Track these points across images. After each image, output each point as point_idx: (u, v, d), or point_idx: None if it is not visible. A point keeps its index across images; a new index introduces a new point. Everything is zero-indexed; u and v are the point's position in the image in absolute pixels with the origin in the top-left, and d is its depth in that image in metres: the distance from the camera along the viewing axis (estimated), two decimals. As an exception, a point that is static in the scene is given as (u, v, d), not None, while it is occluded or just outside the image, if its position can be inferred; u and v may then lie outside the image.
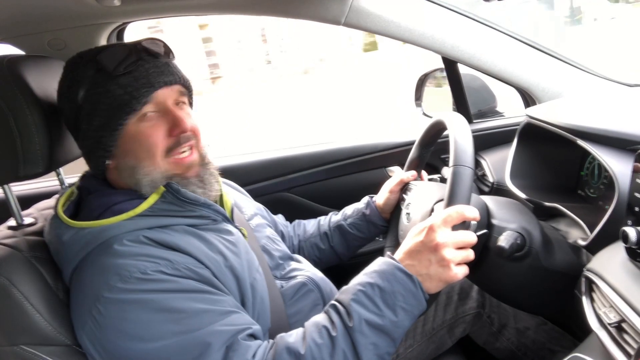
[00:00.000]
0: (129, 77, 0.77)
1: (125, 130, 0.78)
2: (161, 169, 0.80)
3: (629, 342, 0.64)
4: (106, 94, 0.77)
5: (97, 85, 0.77)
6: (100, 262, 0.72)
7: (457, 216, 0.76)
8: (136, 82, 0.78)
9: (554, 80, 1.30)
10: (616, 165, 0.82)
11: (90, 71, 0.78)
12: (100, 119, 0.78)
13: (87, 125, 0.79)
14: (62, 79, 0.82)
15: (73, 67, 0.81)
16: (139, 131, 0.79)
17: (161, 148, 0.80)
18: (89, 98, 0.78)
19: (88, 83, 0.78)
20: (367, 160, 1.61)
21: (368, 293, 0.73)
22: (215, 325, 0.69)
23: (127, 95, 0.77)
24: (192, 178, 0.84)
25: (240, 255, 0.83)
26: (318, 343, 0.70)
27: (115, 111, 0.77)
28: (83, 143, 0.82)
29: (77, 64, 0.80)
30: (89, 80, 0.78)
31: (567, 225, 0.98)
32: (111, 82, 0.77)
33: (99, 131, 0.78)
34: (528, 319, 1.15)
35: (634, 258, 0.68)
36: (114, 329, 0.68)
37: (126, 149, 0.80)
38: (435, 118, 1.06)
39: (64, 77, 0.82)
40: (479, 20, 1.29)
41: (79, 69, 0.79)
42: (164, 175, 0.81)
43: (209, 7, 1.32)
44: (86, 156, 0.84)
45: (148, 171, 0.80)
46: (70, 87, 0.79)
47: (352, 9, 1.20)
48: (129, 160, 0.80)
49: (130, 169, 0.80)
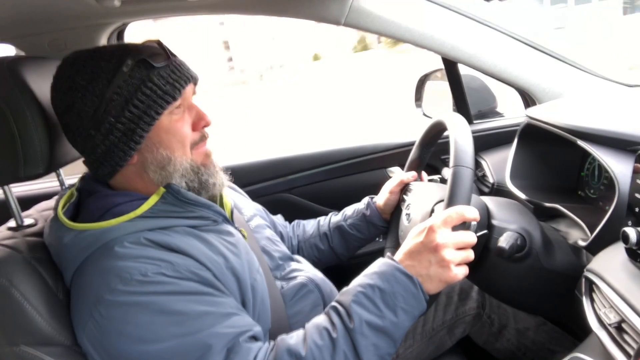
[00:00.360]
0: (167, 69, 0.79)
1: (158, 122, 0.79)
2: (190, 160, 0.83)
3: (629, 343, 0.64)
4: (146, 85, 0.76)
5: (133, 77, 0.76)
6: (101, 264, 0.71)
7: (457, 217, 0.76)
8: (175, 73, 0.80)
9: (554, 80, 1.30)
10: (616, 166, 0.82)
11: (116, 64, 0.76)
12: (136, 110, 0.76)
13: (115, 118, 0.76)
14: (74, 74, 0.77)
15: (89, 61, 0.77)
16: (171, 123, 0.80)
17: (190, 140, 0.83)
18: (123, 90, 0.75)
19: (121, 75, 0.75)
20: (367, 161, 1.61)
21: (368, 294, 0.73)
22: (216, 327, 0.69)
23: (168, 85, 0.78)
24: (212, 167, 0.87)
25: (241, 256, 0.83)
26: (319, 345, 0.70)
27: (155, 100, 0.77)
28: (105, 138, 0.77)
29: (96, 58, 0.77)
30: (123, 73, 0.75)
31: (568, 226, 0.98)
32: (152, 73, 0.77)
33: (132, 122, 0.76)
34: (528, 320, 1.15)
35: (634, 259, 0.68)
36: (115, 331, 0.68)
37: (157, 141, 0.79)
38: (436, 119, 1.06)
39: (76, 72, 0.77)
40: (479, 21, 1.28)
41: (100, 62, 0.77)
42: (192, 166, 0.83)
43: (208, 7, 1.32)
44: (103, 154, 0.78)
45: (181, 162, 0.81)
46: (93, 80, 0.76)
47: (352, 9, 1.20)
48: (162, 151, 0.80)
49: (161, 161, 0.80)
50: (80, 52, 0.80)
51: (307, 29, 51.14)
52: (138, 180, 0.82)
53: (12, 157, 0.78)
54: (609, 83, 1.29)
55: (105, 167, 0.80)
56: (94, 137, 0.77)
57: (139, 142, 0.78)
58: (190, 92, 0.84)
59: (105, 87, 0.75)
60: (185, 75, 0.81)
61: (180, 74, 0.80)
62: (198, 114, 0.84)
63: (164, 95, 0.77)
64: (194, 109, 0.84)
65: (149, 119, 0.77)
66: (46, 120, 0.80)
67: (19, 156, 0.78)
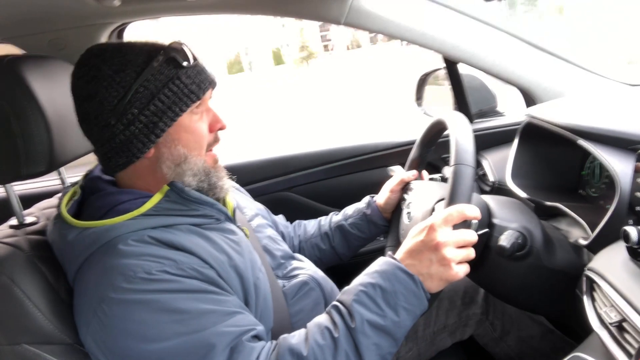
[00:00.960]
0: (194, 70, 0.81)
1: (180, 120, 0.80)
2: (203, 161, 0.84)
3: (629, 342, 0.64)
4: (173, 82, 0.78)
5: (162, 73, 0.78)
6: (105, 262, 0.71)
7: (457, 215, 0.76)
8: (200, 75, 0.82)
9: (555, 79, 1.30)
10: (617, 165, 0.82)
11: (146, 58, 0.78)
12: (161, 104, 0.77)
13: (139, 110, 0.77)
14: (100, 63, 0.77)
15: (117, 53, 0.78)
16: (191, 122, 0.82)
17: (206, 141, 0.85)
18: (150, 84, 0.77)
19: (151, 69, 0.77)
20: (368, 159, 1.61)
21: (370, 293, 0.73)
22: (219, 326, 0.69)
23: (194, 85, 0.80)
24: (221, 171, 0.88)
25: (244, 255, 0.83)
26: (320, 344, 0.70)
27: (180, 98, 0.79)
28: (125, 129, 0.77)
29: (123, 50, 0.79)
30: (152, 67, 0.77)
31: (568, 225, 0.98)
32: (181, 72, 0.79)
33: (155, 116, 0.77)
34: (533, 327, 1.14)
35: (635, 257, 0.68)
36: (118, 330, 0.68)
37: (177, 137, 0.81)
38: (436, 117, 1.06)
39: (103, 61, 0.77)
40: (480, 20, 1.28)
41: (128, 55, 0.78)
42: (204, 167, 0.84)
43: (208, 7, 1.32)
44: (121, 144, 0.78)
45: (196, 161, 0.82)
46: (121, 70, 0.76)
47: (352, 8, 1.20)
48: (179, 148, 0.81)
49: (177, 158, 0.81)
50: (106, 44, 0.82)
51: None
52: (148, 175, 0.82)
53: (14, 155, 0.78)
54: (609, 82, 1.29)
55: (121, 157, 0.80)
56: (113, 127, 0.77)
57: (160, 135, 0.79)
58: (209, 96, 0.86)
59: (133, 79, 0.77)
60: (208, 78, 0.83)
61: (204, 76, 0.83)
62: (214, 117, 0.86)
63: (190, 94, 0.79)
64: (211, 112, 0.86)
65: (173, 114, 0.78)
66: (47, 118, 0.80)
67: (20, 155, 0.78)
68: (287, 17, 1.32)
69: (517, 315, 1.15)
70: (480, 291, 1.17)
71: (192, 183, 0.82)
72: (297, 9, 1.23)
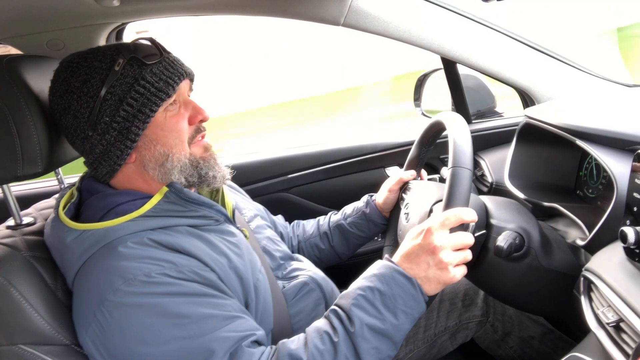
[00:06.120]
0: (160, 66, 0.79)
1: (154, 119, 0.78)
2: (188, 155, 0.82)
3: (627, 342, 0.64)
4: (138, 83, 0.76)
5: (126, 76, 0.76)
6: (105, 264, 0.71)
7: (455, 219, 0.76)
8: (168, 70, 0.79)
9: (553, 80, 1.30)
10: (615, 166, 0.82)
11: (109, 64, 0.76)
12: (130, 109, 0.76)
13: (110, 117, 0.76)
14: (69, 76, 0.78)
15: (83, 63, 0.78)
16: (166, 119, 0.80)
17: (187, 135, 0.83)
18: (116, 89, 0.76)
19: (114, 75, 0.76)
20: (366, 160, 1.61)
21: (368, 297, 0.73)
22: (219, 331, 0.69)
23: (161, 82, 0.78)
24: (211, 160, 0.86)
25: (244, 257, 0.83)
26: (320, 349, 0.70)
27: (149, 98, 0.77)
28: (102, 138, 0.77)
29: (88, 59, 0.78)
30: (115, 72, 0.76)
31: (566, 225, 0.98)
32: (145, 71, 0.77)
33: (127, 121, 0.76)
34: (533, 328, 1.14)
35: (633, 258, 0.68)
36: (118, 333, 0.68)
37: (154, 138, 0.79)
38: (435, 118, 1.06)
39: (71, 74, 0.78)
40: (478, 21, 1.29)
41: (93, 63, 0.77)
42: (190, 160, 0.82)
43: (208, 8, 1.32)
44: (101, 154, 0.78)
45: (179, 157, 0.81)
46: (87, 81, 0.76)
47: (351, 9, 1.20)
48: (159, 148, 0.79)
49: (159, 158, 0.80)
50: (75, 54, 0.81)
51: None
52: (139, 179, 0.82)
53: (11, 156, 0.77)
54: (607, 83, 1.29)
55: (104, 167, 0.80)
56: (91, 138, 0.78)
57: (135, 140, 0.78)
58: (185, 88, 0.84)
59: (99, 88, 0.76)
60: (179, 71, 0.81)
61: (174, 70, 0.80)
62: (195, 109, 0.84)
63: (158, 93, 0.77)
64: (190, 104, 0.84)
65: (144, 116, 0.77)
66: (45, 119, 0.80)
67: (17, 155, 0.78)
68: (285, 18, 1.32)
69: (517, 316, 1.15)
70: (480, 293, 1.17)
71: (181, 179, 0.81)
72: (296, 9, 1.23)
